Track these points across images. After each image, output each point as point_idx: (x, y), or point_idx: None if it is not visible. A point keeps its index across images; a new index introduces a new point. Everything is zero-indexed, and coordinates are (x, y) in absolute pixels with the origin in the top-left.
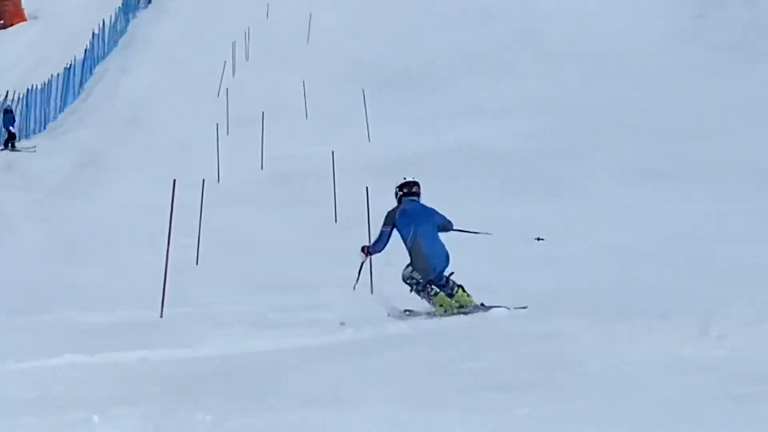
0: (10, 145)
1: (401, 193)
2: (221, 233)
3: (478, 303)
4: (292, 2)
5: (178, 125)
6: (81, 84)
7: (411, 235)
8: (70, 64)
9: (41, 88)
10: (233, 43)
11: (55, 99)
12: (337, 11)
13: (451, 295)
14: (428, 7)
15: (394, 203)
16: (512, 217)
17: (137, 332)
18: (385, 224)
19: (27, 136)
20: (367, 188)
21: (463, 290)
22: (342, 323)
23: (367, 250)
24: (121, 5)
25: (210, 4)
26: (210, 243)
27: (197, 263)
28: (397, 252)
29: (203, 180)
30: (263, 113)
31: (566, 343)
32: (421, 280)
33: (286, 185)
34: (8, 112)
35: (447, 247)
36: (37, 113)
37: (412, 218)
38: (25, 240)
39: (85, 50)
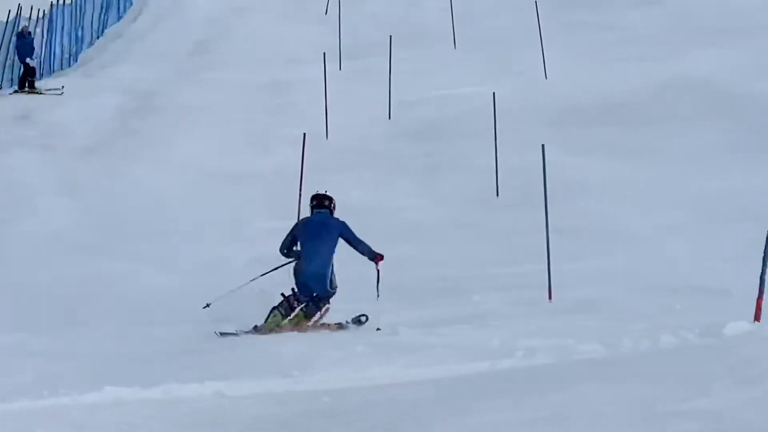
0: (27, 84)
1: (311, 204)
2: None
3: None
4: None
5: (268, 56)
6: None
7: (300, 247)
8: None
9: (71, 2)
10: None
11: (92, 17)
12: None
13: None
14: None
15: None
16: (755, 185)
17: (211, 355)
18: (289, 232)
19: (51, 72)
20: (543, 146)
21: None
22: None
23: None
24: None
25: None
26: None
27: None
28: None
29: (304, 135)
30: (391, 38)
31: None
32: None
33: (424, 142)
34: (23, 37)
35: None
36: (65, 39)
37: (306, 231)
38: (48, 222)
39: None
